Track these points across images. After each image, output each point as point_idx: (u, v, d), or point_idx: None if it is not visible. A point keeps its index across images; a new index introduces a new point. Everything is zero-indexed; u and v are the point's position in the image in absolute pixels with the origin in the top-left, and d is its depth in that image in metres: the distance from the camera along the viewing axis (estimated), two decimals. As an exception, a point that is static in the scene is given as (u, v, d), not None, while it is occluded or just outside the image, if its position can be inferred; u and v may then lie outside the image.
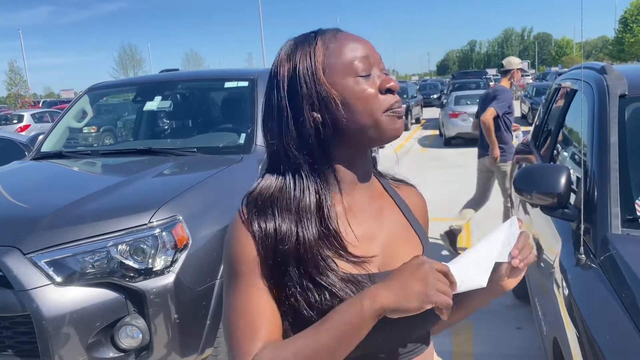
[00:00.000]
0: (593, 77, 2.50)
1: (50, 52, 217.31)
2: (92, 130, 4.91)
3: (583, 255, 1.83)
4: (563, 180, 2.05)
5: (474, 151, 5.51)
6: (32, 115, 20.05)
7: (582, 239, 1.85)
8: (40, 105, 31.67)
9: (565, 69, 3.92)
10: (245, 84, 3.75)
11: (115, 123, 5.76)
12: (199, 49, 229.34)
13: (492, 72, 57.40)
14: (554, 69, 47.33)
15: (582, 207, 1.93)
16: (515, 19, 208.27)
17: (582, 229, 1.87)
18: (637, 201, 1.94)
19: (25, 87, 39.15)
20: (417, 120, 21.14)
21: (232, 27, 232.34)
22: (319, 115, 0.93)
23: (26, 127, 18.23)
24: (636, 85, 2.32)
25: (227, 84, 3.94)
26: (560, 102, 3.27)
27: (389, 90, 0.96)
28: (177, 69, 5.30)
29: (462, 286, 0.88)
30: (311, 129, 0.93)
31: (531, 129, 4.35)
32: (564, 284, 1.86)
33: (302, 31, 1.01)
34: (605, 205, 1.91)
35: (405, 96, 18.89)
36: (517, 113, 19.93)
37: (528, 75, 40.38)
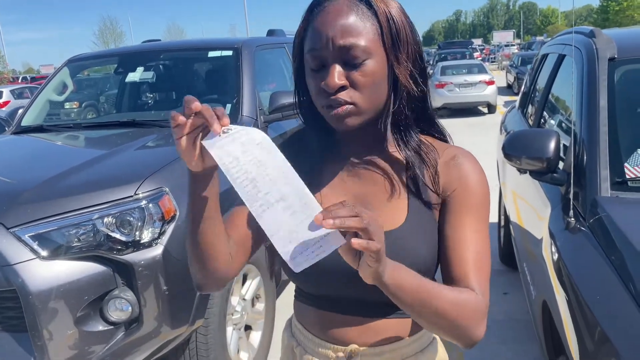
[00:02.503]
0: (582, 41, 2.47)
1: (28, 26, 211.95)
2: (74, 106, 4.80)
3: (572, 219, 1.83)
4: (552, 144, 2.04)
5: (460, 122, 5.51)
6: (12, 92, 19.62)
7: (571, 203, 1.85)
8: (20, 81, 30.97)
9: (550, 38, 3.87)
10: (230, 53, 3.67)
11: (97, 98, 5.64)
12: (180, 21, 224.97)
13: (477, 42, 57.17)
14: (539, 38, 47.17)
15: (571, 171, 1.92)
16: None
17: (572, 192, 1.88)
18: (625, 164, 1.94)
19: (4, 63, 38.25)
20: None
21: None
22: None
23: (6, 103, 17.85)
24: (625, 48, 2.30)
25: (211, 54, 3.85)
26: (548, 68, 3.25)
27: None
28: (159, 40, 5.17)
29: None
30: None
31: (518, 98, 4.34)
32: (553, 248, 1.87)
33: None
34: (594, 168, 1.91)
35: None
36: (502, 83, 20.06)
37: (513, 45, 40.31)
